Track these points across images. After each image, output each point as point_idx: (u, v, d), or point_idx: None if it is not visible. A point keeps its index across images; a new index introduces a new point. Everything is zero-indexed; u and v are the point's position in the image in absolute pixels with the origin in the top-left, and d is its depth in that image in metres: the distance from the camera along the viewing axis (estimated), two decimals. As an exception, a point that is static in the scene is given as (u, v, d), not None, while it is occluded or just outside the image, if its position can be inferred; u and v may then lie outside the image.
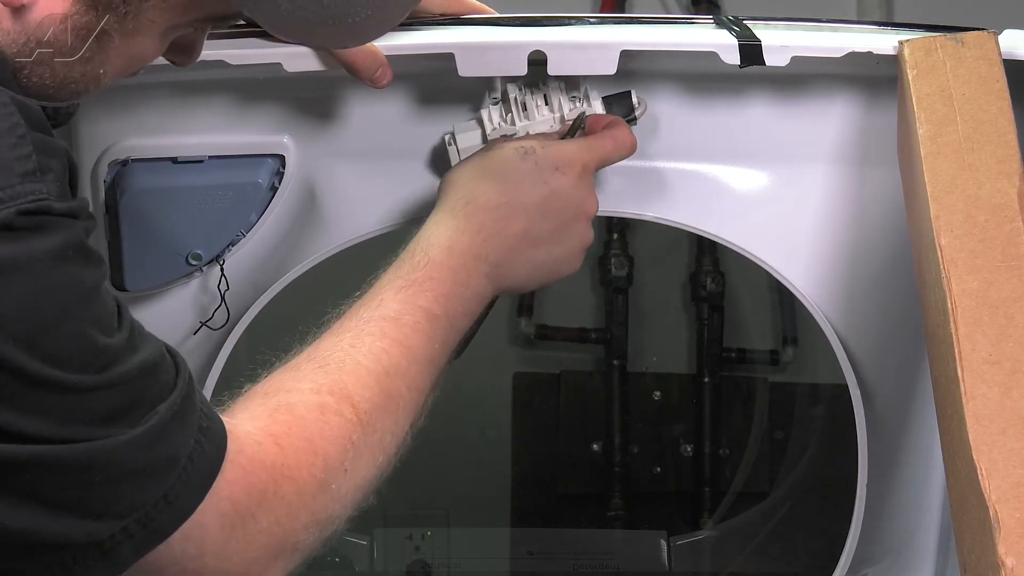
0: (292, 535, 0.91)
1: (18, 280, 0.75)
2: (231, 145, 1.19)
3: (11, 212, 0.75)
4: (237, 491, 0.87)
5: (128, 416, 0.81)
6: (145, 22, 0.86)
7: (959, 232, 0.95)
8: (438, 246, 1.05)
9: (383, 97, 1.18)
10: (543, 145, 1.09)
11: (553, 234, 1.08)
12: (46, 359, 0.77)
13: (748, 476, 2.17)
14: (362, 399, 0.95)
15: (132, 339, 0.83)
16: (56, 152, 0.80)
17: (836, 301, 1.22)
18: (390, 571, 2.06)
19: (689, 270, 2.24)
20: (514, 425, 2.23)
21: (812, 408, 2.12)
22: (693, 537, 2.08)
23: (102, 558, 0.82)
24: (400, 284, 1.03)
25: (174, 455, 0.83)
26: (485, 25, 1.13)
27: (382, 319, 1.00)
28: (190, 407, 0.85)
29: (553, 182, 1.08)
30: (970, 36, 1.03)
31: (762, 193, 1.21)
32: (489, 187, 1.07)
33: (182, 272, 1.21)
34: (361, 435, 0.94)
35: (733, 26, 1.10)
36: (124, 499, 0.82)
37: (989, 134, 0.97)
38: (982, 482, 0.86)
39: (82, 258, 0.79)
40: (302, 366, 0.97)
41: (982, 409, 0.88)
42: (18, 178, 0.76)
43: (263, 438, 0.90)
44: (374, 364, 0.97)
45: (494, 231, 1.06)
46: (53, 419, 0.78)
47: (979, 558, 0.89)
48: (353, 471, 0.94)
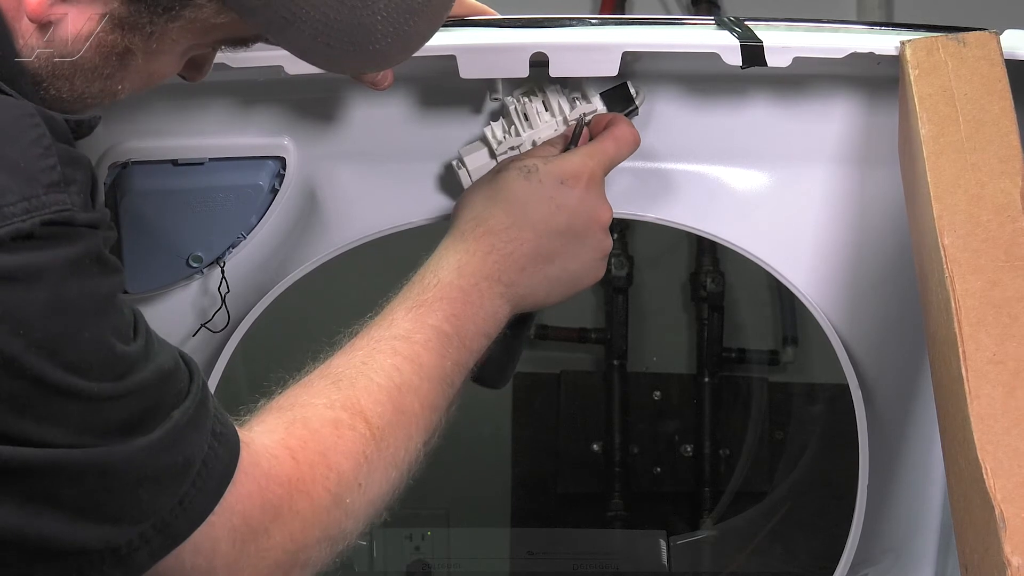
0: (304, 551, 0.91)
1: (39, 289, 0.76)
2: (232, 147, 1.19)
3: (36, 222, 0.76)
4: (252, 506, 0.88)
5: (145, 423, 0.81)
6: (168, 42, 0.87)
7: (962, 232, 0.95)
8: (448, 268, 1.06)
9: (384, 99, 1.18)
10: (545, 161, 1.10)
11: (566, 249, 1.09)
12: (67, 367, 0.77)
13: (748, 476, 2.17)
14: (375, 415, 0.96)
15: (148, 347, 0.83)
16: (80, 164, 0.80)
17: (837, 302, 1.22)
18: (390, 571, 2.06)
19: (689, 270, 2.25)
20: (514, 425, 2.23)
21: (812, 408, 2.12)
22: (693, 537, 2.08)
23: (119, 564, 0.82)
24: (410, 304, 1.04)
25: (189, 460, 0.84)
26: (486, 27, 1.12)
27: (393, 338, 1.01)
28: (204, 412, 0.86)
29: (559, 198, 1.08)
30: (972, 36, 1.03)
31: (764, 194, 1.21)
32: (496, 210, 1.08)
33: (182, 274, 1.21)
34: (375, 450, 0.95)
35: (735, 27, 1.10)
36: (141, 504, 0.82)
37: (991, 134, 0.98)
38: (987, 481, 0.86)
39: (100, 267, 0.80)
40: (315, 383, 0.98)
41: (986, 408, 0.88)
42: (43, 189, 0.77)
43: (279, 451, 0.91)
44: (386, 381, 0.98)
45: (504, 252, 1.07)
46: (71, 427, 0.78)
47: (983, 558, 0.89)
48: (367, 486, 0.94)
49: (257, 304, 1.23)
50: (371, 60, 0.90)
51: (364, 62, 0.91)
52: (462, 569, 2.07)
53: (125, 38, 0.85)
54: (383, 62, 0.92)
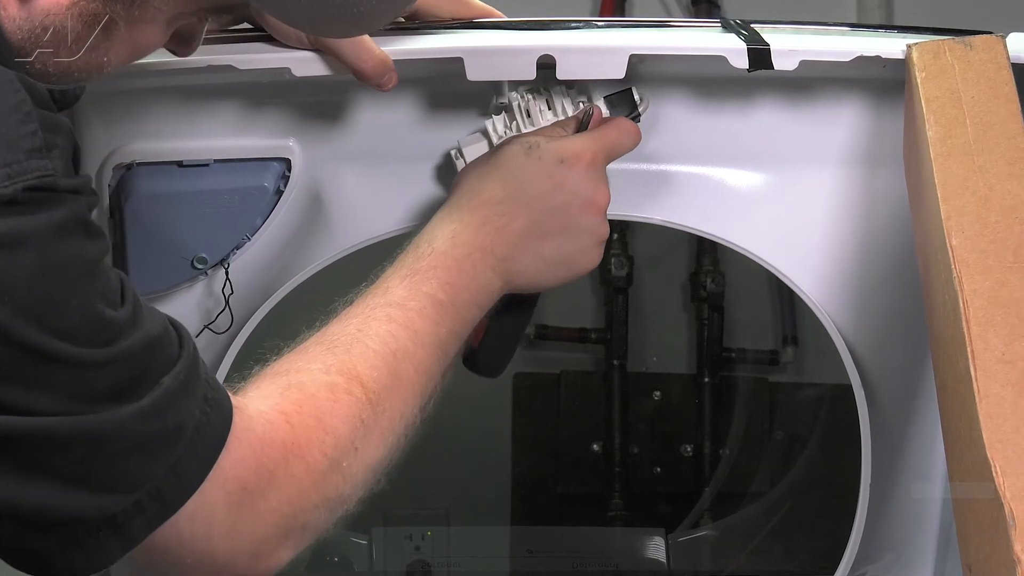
0: (302, 514, 0.91)
1: (24, 255, 0.76)
2: (236, 149, 1.19)
3: (17, 188, 0.76)
4: (246, 470, 0.87)
5: (134, 389, 0.81)
6: (151, 11, 0.87)
7: (970, 233, 0.95)
8: (442, 238, 1.06)
9: (389, 101, 1.18)
10: (548, 139, 1.09)
11: (562, 229, 1.09)
12: (55, 333, 0.77)
13: (748, 476, 2.17)
14: (371, 379, 0.96)
15: (136, 312, 0.83)
16: (61, 129, 0.80)
17: (842, 303, 1.22)
18: (390, 571, 2.06)
19: (689, 270, 2.25)
20: (514, 425, 2.23)
21: (812, 408, 2.12)
22: (693, 535, 2.08)
23: (115, 533, 0.82)
24: (405, 273, 1.04)
25: (180, 425, 0.84)
26: (493, 29, 1.13)
27: (388, 305, 1.01)
28: (194, 378, 0.86)
29: (558, 176, 1.08)
30: (978, 39, 1.04)
31: (769, 196, 1.21)
32: (493, 183, 1.08)
33: (187, 276, 1.21)
34: (371, 414, 0.95)
35: (741, 30, 1.10)
36: (134, 471, 0.82)
37: (999, 136, 0.98)
38: (997, 480, 0.86)
39: (84, 232, 0.80)
40: (310, 349, 0.98)
41: (995, 408, 0.89)
42: (24, 154, 0.77)
43: (274, 416, 0.91)
44: (381, 347, 0.98)
45: (498, 225, 1.07)
46: (61, 394, 0.78)
47: (989, 556, 0.89)
48: (363, 450, 0.94)
49: (262, 306, 1.23)
50: (357, 22, 0.90)
51: (350, 25, 0.91)
52: (462, 568, 2.07)
53: (107, 6, 0.85)
54: (368, 24, 0.93)
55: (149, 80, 1.13)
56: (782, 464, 2.11)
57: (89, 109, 1.16)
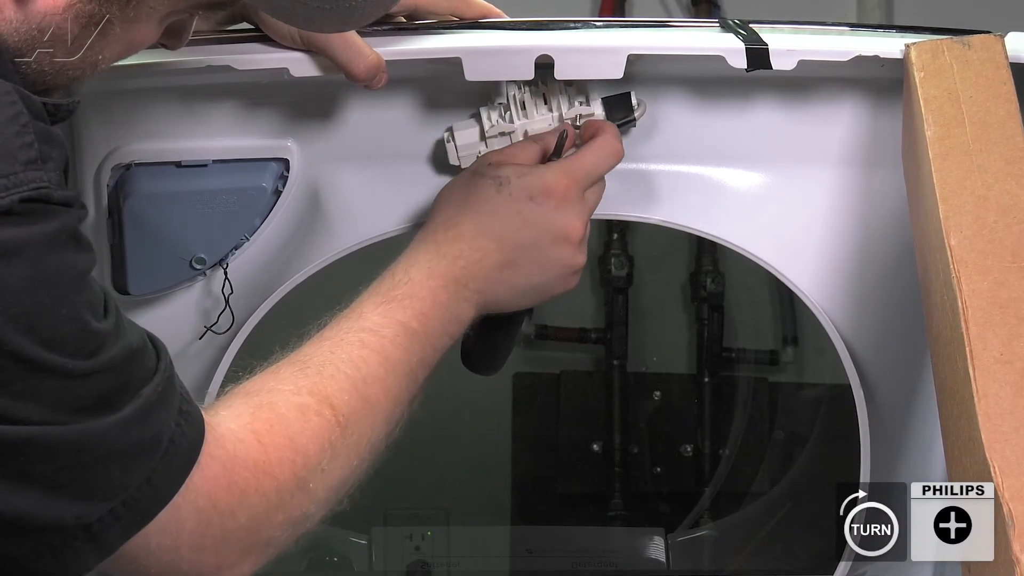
0: (267, 531, 0.92)
1: (18, 265, 0.77)
2: (235, 149, 1.19)
3: (14, 199, 0.77)
4: (218, 487, 0.89)
5: (116, 399, 0.83)
6: (146, 10, 0.88)
7: (968, 233, 0.95)
8: (418, 267, 1.08)
9: (387, 101, 1.18)
10: (519, 175, 1.10)
11: (530, 262, 1.10)
12: (44, 343, 0.78)
13: (748, 475, 2.16)
14: (341, 403, 0.97)
15: (118, 324, 0.84)
16: (56, 141, 0.81)
17: (840, 303, 1.22)
18: (390, 571, 2.05)
19: (689, 270, 2.24)
20: (514, 425, 2.23)
21: (812, 408, 2.12)
22: (692, 535, 2.08)
23: (90, 541, 0.83)
24: (380, 300, 1.06)
25: (157, 437, 0.85)
26: (491, 29, 1.13)
27: (361, 330, 1.03)
28: (171, 390, 0.87)
29: (527, 213, 1.09)
30: (977, 39, 1.04)
31: (768, 196, 1.21)
32: (468, 218, 1.10)
33: (186, 276, 1.21)
34: (340, 436, 0.96)
35: (740, 30, 1.10)
36: (112, 480, 0.83)
37: (997, 136, 0.98)
38: (995, 480, 0.86)
39: (75, 244, 0.81)
40: (282, 369, 0.99)
41: (994, 408, 0.89)
42: (21, 166, 0.78)
43: (245, 435, 0.92)
44: (353, 371, 0.99)
45: (472, 260, 1.09)
46: (47, 404, 0.79)
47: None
48: (330, 471, 0.96)
49: (261, 306, 1.23)
50: (348, 17, 0.91)
51: (341, 19, 0.92)
52: (462, 568, 2.07)
53: (103, 7, 0.85)
54: (361, 18, 0.93)
55: (148, 81, 1.13)
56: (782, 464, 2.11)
57: (88, 109, 1.16)
